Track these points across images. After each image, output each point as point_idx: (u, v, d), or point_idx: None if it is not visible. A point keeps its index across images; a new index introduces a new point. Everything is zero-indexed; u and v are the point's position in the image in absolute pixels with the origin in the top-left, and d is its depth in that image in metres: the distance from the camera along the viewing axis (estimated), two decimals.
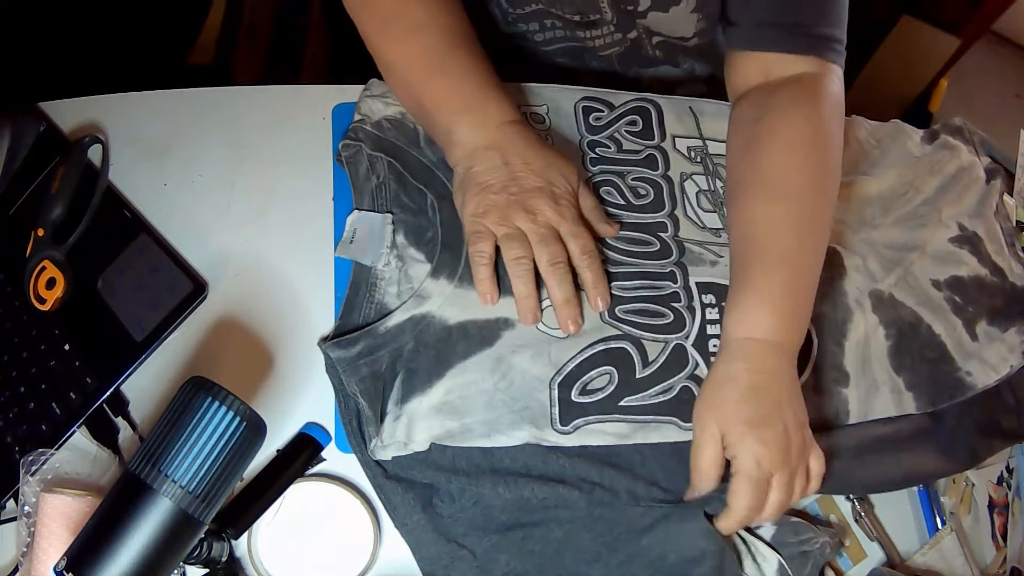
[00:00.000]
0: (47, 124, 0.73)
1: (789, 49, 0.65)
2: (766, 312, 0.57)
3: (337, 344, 0.60)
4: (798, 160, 0.62)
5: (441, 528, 0.57)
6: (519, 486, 0.57)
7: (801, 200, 0.61)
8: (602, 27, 0.77)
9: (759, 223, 0.61)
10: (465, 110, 0.62)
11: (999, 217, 0.76)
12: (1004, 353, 0.68)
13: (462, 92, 0.63)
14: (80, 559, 0.42)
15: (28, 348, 0.64)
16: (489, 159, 0.61)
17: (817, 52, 0.65)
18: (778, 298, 0.58)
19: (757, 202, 0.62)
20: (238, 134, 0.72)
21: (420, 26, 0.64)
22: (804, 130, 0.63)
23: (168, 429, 0.44)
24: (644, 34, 0.77)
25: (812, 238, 0.61)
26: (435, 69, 0.63)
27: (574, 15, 0.75)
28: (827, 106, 0.64)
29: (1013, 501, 0.69)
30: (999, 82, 1.92)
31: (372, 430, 0.58)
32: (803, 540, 0.59)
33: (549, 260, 0.59)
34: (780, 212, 0.60)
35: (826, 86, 0.64)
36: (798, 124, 0.63)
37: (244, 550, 0.57)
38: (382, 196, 0.67)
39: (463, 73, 0.63)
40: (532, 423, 0.58)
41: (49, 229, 0.65)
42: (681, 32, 0.75)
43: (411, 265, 0.64)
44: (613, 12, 0.74)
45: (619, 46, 0.79)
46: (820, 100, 0.64)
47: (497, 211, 0.60)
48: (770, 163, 0.62)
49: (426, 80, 0.64)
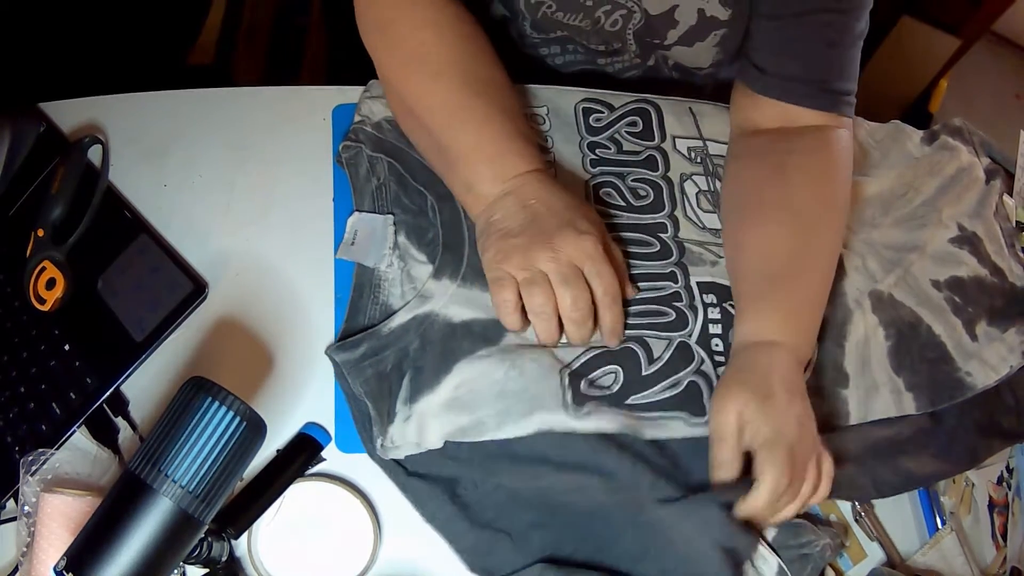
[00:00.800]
0: (47, 124, 0.73)
1: (814, 106, 0.68)
2: (779, 320, 0.60)
3: (341, 347, 0.60)
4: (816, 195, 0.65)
5: (472, 516, 0.57)
6: (538, 476, 0.57)
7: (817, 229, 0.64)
8: (624, 55, 0.77)
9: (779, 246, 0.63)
10: (484, 162, 0.61)
11: (999, 217, 0.76)
12: (1004, 353, 0.68)
13: (482, 144, 0.62)
14: (80, 559, 0.42)
15: (28, 348, 0.64)
16: (507, 206, 0.60)
17: (837, 109, 0.68)
18: (790, 310, 0.61)
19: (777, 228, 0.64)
20: (238, 134, 0.72)
21: (441, 72, 0.63)
22: (822, 172, 0.67)
23: (168, 429, 0.44)
24: (662, 61, 0.77)
25: (823, 263, 0.64)
26: (455, 119, 0.62)
27: (599, 45, 0.76)
28: (841, 156, 0.68)
29: (1013, 501, 0.69)
30: (999, 82, 1.92)
31: (378, 429, 0.58)
32: (803, 543, 0.59)
33: (572, 304, 0.58)
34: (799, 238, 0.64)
35: (841, 138, 0.68)
36: (817, 166, 0.67)
37: (244, 550, 0.57)
38: (382, 197, 0.67)
39: (483, 125, 0.62)
40: (544, 408, 0.58)
41: (49, 229, 0.65)
42: (699, 63, 0.76)
43: (413, 266, 0.64)
44: (637, 44, 0.74)
45: (637, 70, 0.80)
46: (836, 150, 0.68)
47: (519, 253, 0.58)
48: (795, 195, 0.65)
49: (445, 130, 0.63)
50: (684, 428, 0.60)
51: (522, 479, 0.57)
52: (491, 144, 0.62)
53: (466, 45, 0.65)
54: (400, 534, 0.59)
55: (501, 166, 0.61)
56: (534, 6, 0.72)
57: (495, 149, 0.62)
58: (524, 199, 0.60)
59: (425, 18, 0.65)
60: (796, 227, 0.64)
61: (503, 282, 0.59)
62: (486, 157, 0.62)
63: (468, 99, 0.63)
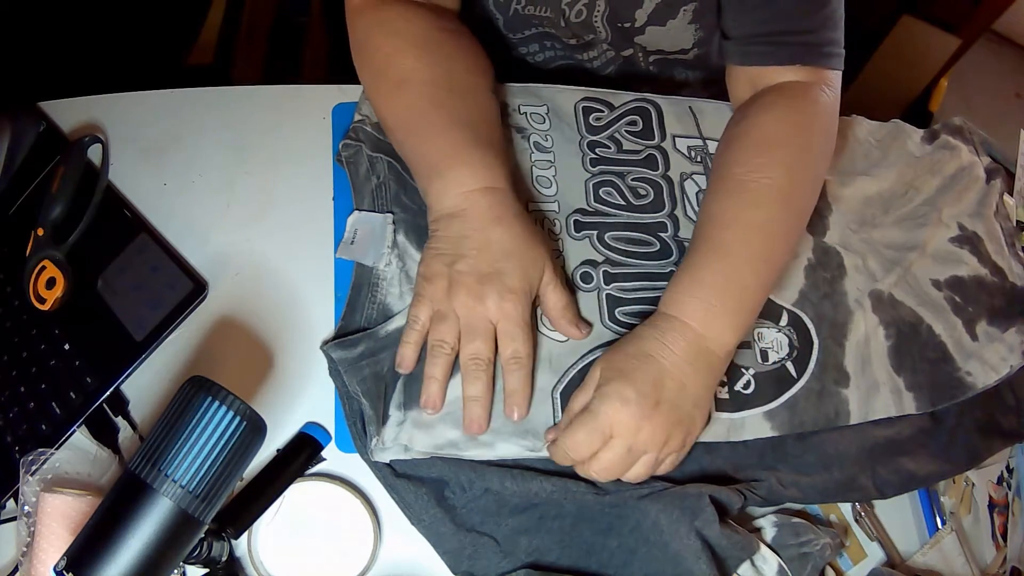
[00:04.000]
0: (47, 124, 0.73)
1: (772, 61, 0.64)
2: (697, 299, 0.56)
3: (339, 345, 0.60)
4: (761, 160, 0.61)
5: (458, 520, 0.58)
6: (526, 479, 0.57)
7: (756, 201, 0.59)
8: (597, 47, 0.76)
9: (712, 218, 0.60)
10: (434, 174, 0.59)
11: (999, 217, 0.76)
12: (1004, 353, 0.68)
13: (433, 156, 0.60)
14: (80, 559, 0.42)
15: (28, 348, 0.64)
16: (450, 228, 0.58)
17: (802, 60, 0.64)
18: (711, 288, 0.57)
19: (714, 198, 0.61)
20: (238, 134, 0.72)
21: (403, 81, 0.62)
22: (773, 132, 0.62)
23: (168, 429, 0.44)
24: (639, 52, 0.77)
25: (763, 240, 0.59)
26: (412, 130, 0.61)
27: (570, 38, 0.75)
28: (805, 111, 0.63)
29: (1013, 501, 0.69)
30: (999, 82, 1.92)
31: (373, 429, 0.58)
32: (803, 542, 0.59)
33: (471, 355, 0.56)
34: (732, 209, 0.60)
35: (809, 92, 0.63)
36: (767, 125, 0.62)
37: (244, 550, 0.57)
38: (382, 196, 0.67)
39: (438, 135, 0.60)
40: (535, 434, 0.59)
41: (49, 229, 0.65)
42: (680, 45, 0.74)
43: (411, 266, 0.64)
44: (608, 31, 0.73)
45: (614, 64, 0.79)
46: (797, 105, 0.63)
47: (442, 282, 0.57)
48: (733, 161, 0.62)
49: (404, 140, 0.62)
50: None
51: (511, 481, 0.57)
52: (444, 157, 0.59)
53: (431, 56, 0.63)
54: (400, 534, 0.59)
55: (451, 180, 0.59)
56: (503, 5, 0.71)
57: (447, 163, 0.59)
58: (465, 228, 0.58)
59: (391, 31, 0.64)
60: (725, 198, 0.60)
61: (422, 299, 0.58)
62: (437, 171, 0.59)
63: (427, 110, 0.61)
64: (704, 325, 0.56)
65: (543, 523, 0.58)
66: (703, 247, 0.59)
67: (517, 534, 0.58)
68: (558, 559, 0.58)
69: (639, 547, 0.58)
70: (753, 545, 0.58)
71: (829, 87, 0.64)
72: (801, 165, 0.61)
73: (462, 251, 0.57)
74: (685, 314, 0.56)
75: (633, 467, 0.54)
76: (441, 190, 0.59)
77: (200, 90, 0.74)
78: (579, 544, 0.58)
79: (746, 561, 0.58)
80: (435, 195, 0.59)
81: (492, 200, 0.58)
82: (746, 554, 0.57)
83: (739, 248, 0.58)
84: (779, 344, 0.65)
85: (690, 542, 0.56)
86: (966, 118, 0.81)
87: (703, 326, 0.56)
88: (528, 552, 0.58)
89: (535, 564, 0.58)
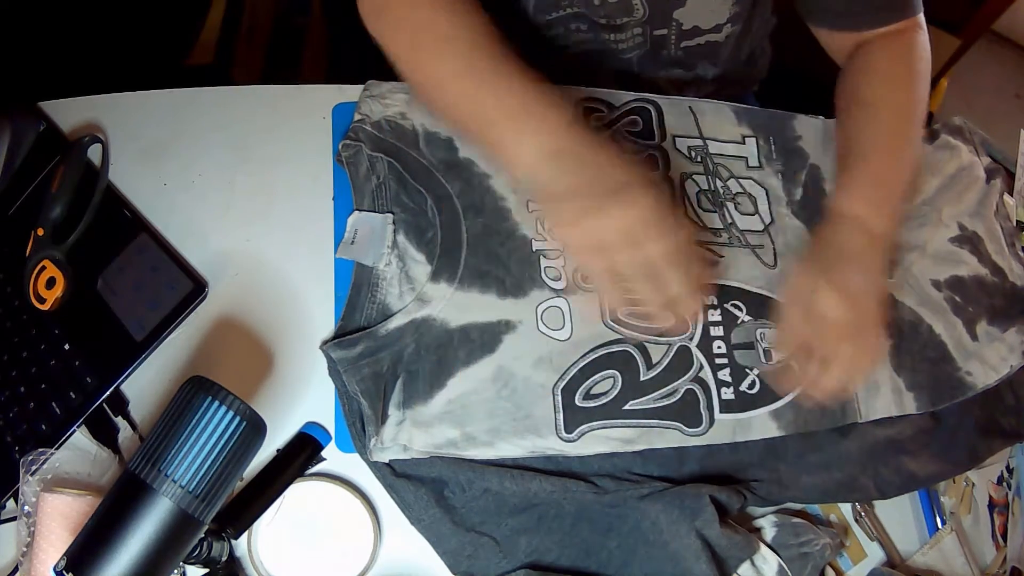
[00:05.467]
0: (47, 124, 0.73)
1: (877, 25, 0.71)
2: (858, 190, 0.64)
3: (338, 344, 0.60)
4: (888, 86, 0.69)
5: (457, 519, 0.58)
6: (525, 479, 0.57)
7: (893, 110, 0.68)
8: (628, 29, 0.77)
9: (853, 129, 0.68)
10: (515, 122, 0.57)
11: (999, 217, 0.76)
12: (1004, 353, 0.68)
13: (509, 105, 0.57)
14: (80, 559, 0.42)
15: (28, 348, 0.64)
16: (553, 167, 0.56)
17: (900, 17, 0.70)
18: (867, 180, 0.65)
19: (852, 113, 0.69)
20: (238, 134, 0.72)
21: (449, 40, 0.60)
22: (893, 67, 0.70)
23: (168, 429, 0.44)
24: (673, 32, 0.77)
25: (905, 143, 0.67)
26: (474, 85, 0.58)
27: (601, 18, 0.75)
28: (914, 51, 0.70)
29: (1013, 501, 0.69)
30: (999, 82, 1.92)
31: (372, 429, 0.58)
32: (803, 542, 0.59)
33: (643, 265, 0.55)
34: (872, 119, 0.67)
35: (912, 37, 0.71)
36: (888, 62, 0.70)
37: (244, 550, 0.57)
38: (382, 196, 0.67)
39: (504, 85, 0.58)
40: (535, 432, 0.59)
41: (49, 229, 0.65)
42: (716, 20, 0.76)
43: (411, 266, 0.64)
44: (646, 8, 0.74)
45: (640, 49, 0.80)
46: (907, 47, 0.71)
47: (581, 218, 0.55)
48: (866, 85, 0.70)
49: (465, 98, 0.59)
50: (679, 438, 0.60)
51: (511, 480, 0.57)
52: (519, 104, 0.57)
53: (465, 16, 0.61)
54: (400, 534, 0.59)
55: (536, 124, 0.57)
56: None
57: (524, 108, 0.57)
58: (566, 157, 0.56)
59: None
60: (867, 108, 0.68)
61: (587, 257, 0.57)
62: (516, 116, 0.57)
63: (482, 62, 0.59)
64: (871, 213, 0.63)
65: (542, 523, 0.58)
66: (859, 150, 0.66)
67: (516, 534, 0.58)
68: (557, 559, 0.58)
69: (639, 547, 0.58)
70: (753, 545, 0.58)
71: (921, 28, 0.72)
72: (919, 86, 0.70)
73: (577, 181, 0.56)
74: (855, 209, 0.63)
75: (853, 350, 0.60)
76: (529, 134, 0.57)
77: (200, 90, 0.74)
78: (578, 544, 0.58)
79: (746, 561, 0.58)
80: (522, 141, 0.57)
81: (577, 130, 0.57)
82: (746, 554, 0.57)
83: (891, 147, 0.66)
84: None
85: (690, 542, 0.56)
86: (966, 118, 0.81)
87: (870, 215, 0.63)
88: (527, 552, 0.58)
89: (534, 564, 0.58)
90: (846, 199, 0.64)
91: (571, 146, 0.56)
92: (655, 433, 0.60)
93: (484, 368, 0.60)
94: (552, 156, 0.56)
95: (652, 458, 0.60)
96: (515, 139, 0.57)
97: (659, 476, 0.60)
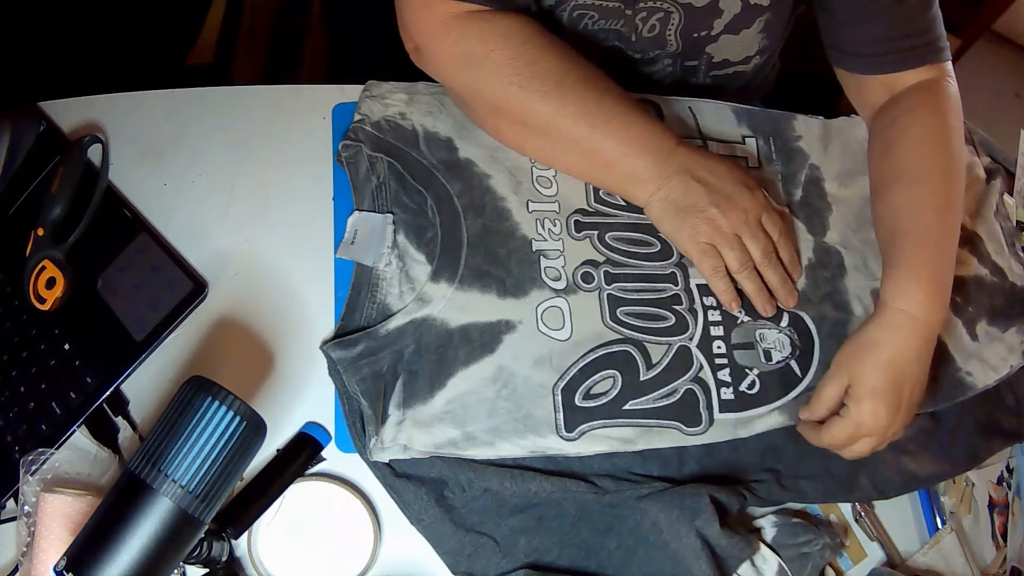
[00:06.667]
0: (47, 124, 0.73)
1: (907, 67, 0.70)
2: (917, 285, 0.62)
3: (338, 344, 0.60)
4: (929, 151, 0.67)
5: (457, 519, 0.58)
6: (525, 479, 0.57)
7: (935, 185, 0.66)
8: (660, 62, 0.78)
9: (903, 208, 0.66)
10: (641, 152, 0.63)
11: (999, 217, 0.76)
12: (1004, 353, 0.68)
13: (631, 137, 0.63)
14: (80, 559, 0.42)
15: (28, 348, 0.64)
16: (682, 183, 0.63)
17: (930, 60, 0.70)
18: (925, 273, 0.62)
19: (898, 190, 0.67)
20: (238, 134, 0.72)
21: (561, 82, 0.63)
22: (931, 126, 0.68)
23: (168, 429, 0.44)
24: (703, 64, 0.78)
25: (949, 218, 0.65)
26: (597, 121, 0.63)
27: (636, 53, 0.76)
28: (948, 104, 0.69)
29: (1013, 501, 0.69)
30: (999, 82, 1.91)
31: (372, 429, 0.58)
32: (803, 542, 0.59)
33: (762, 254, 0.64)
34: (919, 197, 0.66)
35: (944, 87, 0.70)
36: (925, 122, 0.68)
37: (244, 550, 0.57)
38: (382, 196, 0.67)
39: (622, 118, 0.64)
40: (535, 432, 0.59)
41: (49, 229, 0.65)
42: (746, 53, 0.77)
43: (412, 266, 0.64)
44: (679, 42, 0.74)
45: (668, 79, 0.81)
46: (941, 100, 0.69)
47: (711, 224, 0.63)
48: (906, 156, 0.68)
49: (590, 134, 0.63)
50: (679, 437, 0.60)
51: (511, 481, 0.57)
52: (639, 135, 0.64)
53: (560, 51, 0.65)
54: (400, 534, 0.59)
55: (656, 151, 0.64)
56: (575, 19, 0.72)
57: (644, 138, 0.64)
58: (694, 173, 0.64)
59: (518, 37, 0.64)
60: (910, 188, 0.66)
61: (707, 252, 0.64)
62: (641, 147, 0.64)
63: (597, 99, 0.64)
64: (928, 312, 0.61)
65: (542, 523, 0.58)
66: (907, 236, 0.64)
67: (516, 534, 0.58)
68: (557, 559, 0.58)
69: (638, 547, 0.58)
70: (753, 545, 0.58)
71: (951, 77, 0.71)
72: (957, 147, 0.68)
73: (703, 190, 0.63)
74: (913, 307, 0.61)
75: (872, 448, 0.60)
76: (654, 160, 0.64)
77: (200, 90, 0.74)
78: (578, 544, 0.58)
79: (746, 561, 0.58)
80: (649, 166, 0.64)
81: (688, 147, 0.65)
82: (746, 554, 0.57)
83: (939, 231, 0.65)
84: (781, 344, 0.65)
85: (690, 542, 0.56)
86: (966, 118, 0.81)
87: (927, 314, 0.61)
88: (527, 552, 0.58)
89: (534, 564, 0.58)
90: (902, 296, 0.61)
91: (688, 163, 0.64)
92: (655, 433, 0.60)
93: (484, 368, 0.60)
94: (677, 173, 0.63)
95: (652, 458, 0.60)
96: (646, 162, 0.64)
97: (659, 476, 0.60)
